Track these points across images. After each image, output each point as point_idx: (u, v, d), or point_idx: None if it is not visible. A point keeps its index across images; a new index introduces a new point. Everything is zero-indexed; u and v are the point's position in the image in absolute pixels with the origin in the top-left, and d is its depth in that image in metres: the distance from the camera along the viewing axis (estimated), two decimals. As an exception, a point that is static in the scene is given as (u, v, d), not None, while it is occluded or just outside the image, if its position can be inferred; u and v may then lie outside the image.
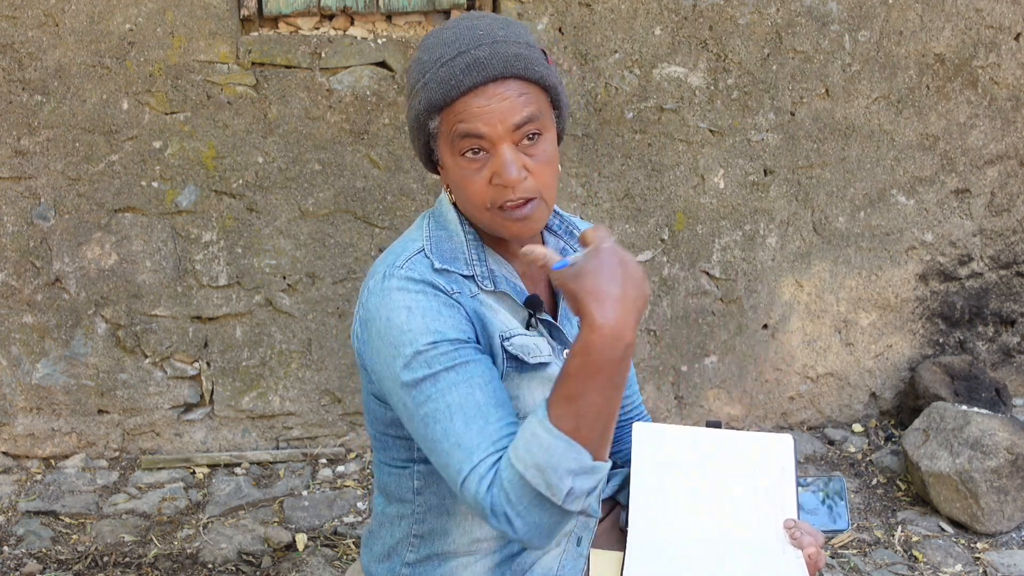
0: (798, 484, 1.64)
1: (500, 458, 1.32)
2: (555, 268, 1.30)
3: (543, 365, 1.50)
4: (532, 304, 1.51)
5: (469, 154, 1.41)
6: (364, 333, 1.47)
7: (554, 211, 1.62)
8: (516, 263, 1.57)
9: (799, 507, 1.60)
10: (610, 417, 1.31)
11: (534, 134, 1.42)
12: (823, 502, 1.71)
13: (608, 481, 1.77)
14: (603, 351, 1.26)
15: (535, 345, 1.50)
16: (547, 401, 1.31)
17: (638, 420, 1.86)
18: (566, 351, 1.56)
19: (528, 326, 1.52)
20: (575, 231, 1.64)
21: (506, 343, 1.47)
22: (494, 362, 1.46)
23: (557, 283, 1.30)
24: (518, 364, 1.48)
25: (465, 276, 1.48)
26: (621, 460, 1.83)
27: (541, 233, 1.63)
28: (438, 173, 1.55)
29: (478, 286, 1.48)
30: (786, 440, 1.64)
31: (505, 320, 1.49)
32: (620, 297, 1.26)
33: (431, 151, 1.50)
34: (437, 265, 1.46)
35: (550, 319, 1.55)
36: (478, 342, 1.44)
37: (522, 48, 1.42)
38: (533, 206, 1.43)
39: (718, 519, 1.60)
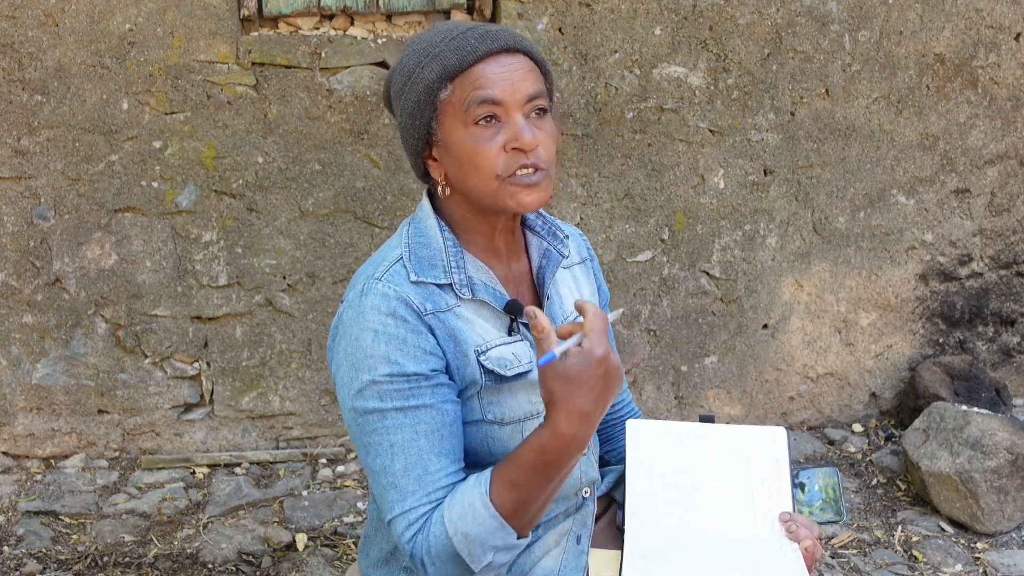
0: (793, 476, 1.64)
1: (431, 509, 1.39)
2: (540, 363, 1.30)
3: (522, 375, 1.50)
4: (512, 309, 1.50)
5: (482, 122, 1.42)
6: (334, 344, 1.50)
7: (538, 211, 1.62)
8: (497, 267, 1.55)
9: (794, 499, 1.60)
10: (546, 503, 1.40)
11: (541, 110, 1.46)
12: (821, 493, 1.71)
13: (603, 479, 1.76)
14: (559, 456, 1.33)
15: (513, 355, 1.49)
16: (491, 476, 1.37)
17: (631, 417, 1.85)
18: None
19: (510, 331, 1.51)
20: (558, 232, 1.62)
21: (482, 358, 1.46)
22: (472, 378, 1.46)
23: (540, 374, 1.32)
24: (496, 377, 1.47)
25: (442, 285, 1.47)
26: (615, 458, 1.83)
27: (524, 232, 1.61)
28: (426, 175, 1.53)
29: (456, 295, 1.47)
30: (779, 432, 1.64)
31: (482, 332, 1.47)
32: (589, 413, 1.31)
33: (430, 135, 1.47)
34: (413, 277, 1.45)
35: None
36: (447, 369, 1.45)
37: (521, 34, 1.49)
38: (542, 175, 1.44)
39: (714, 513, 1.60)
